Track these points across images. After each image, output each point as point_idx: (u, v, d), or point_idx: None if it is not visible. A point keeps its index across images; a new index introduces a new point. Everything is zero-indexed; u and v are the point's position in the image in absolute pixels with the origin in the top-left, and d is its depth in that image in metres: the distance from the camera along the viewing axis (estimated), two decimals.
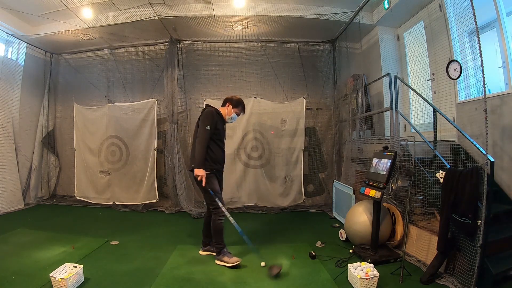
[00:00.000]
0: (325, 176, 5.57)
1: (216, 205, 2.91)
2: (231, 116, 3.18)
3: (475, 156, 2.74)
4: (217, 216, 2.92)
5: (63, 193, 6.08)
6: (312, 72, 5.75)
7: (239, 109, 3.21)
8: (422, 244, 2.99)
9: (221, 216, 2.93)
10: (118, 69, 5.85)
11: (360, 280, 2.38)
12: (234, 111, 3.18)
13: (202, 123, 2.95)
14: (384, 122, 4.56)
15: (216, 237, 2.96)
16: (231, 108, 3.17)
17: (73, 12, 4.48)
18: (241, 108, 3.23)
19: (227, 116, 3.17)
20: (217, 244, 2.97)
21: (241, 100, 3.22)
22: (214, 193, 2.90)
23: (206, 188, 2.89)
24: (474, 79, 3.31)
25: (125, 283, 2.56)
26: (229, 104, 3.17)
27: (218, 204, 2.90)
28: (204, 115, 3.01)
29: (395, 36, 4.90)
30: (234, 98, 3.20)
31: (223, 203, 2.95)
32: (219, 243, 2.96)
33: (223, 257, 2.91)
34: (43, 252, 3.18)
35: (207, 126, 2.91)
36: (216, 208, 2.93)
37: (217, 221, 2.93)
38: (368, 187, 3.18)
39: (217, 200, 2.90)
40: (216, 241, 2.97)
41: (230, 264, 2.85)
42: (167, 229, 4.21)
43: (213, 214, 2.94)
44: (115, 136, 5.55)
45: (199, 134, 2.94)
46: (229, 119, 3.19)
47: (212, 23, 4.95)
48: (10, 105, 5.25)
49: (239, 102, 3.20)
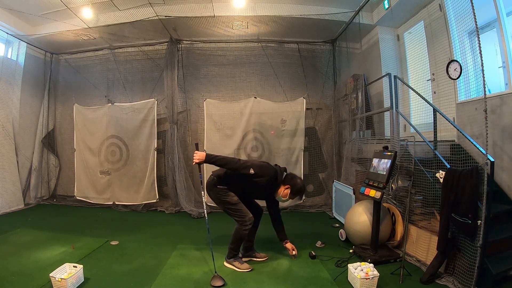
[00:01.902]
0: (325, 176, 5.57)
1: (240, 214, 2.80)
2: (280, 196, 2.87)
3: (475, 156, 2.74)
4: (242, 225, 2.79)
5: (63, 193, 6.08)
6: (312, 72, 5.75)
7: (295, 197, 2.90)
8: (422, 244, 2.99)
9: (247, 226, 2.78)
10: (118, 69, 5.85)
11: (360, 280, 2.37)
12: (289, 197, 2.86)
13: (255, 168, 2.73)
14: (384, 122, 4.56)
15: (235, 242, 2.88)
16: (288, 192, 2.84)
17: (73, 12, 4.48)
18: (299, 198, 2.95)
19: (278, 195, 2.87)
20: (233, 249, 2.89)
21: (303, 190, 2.89)
22: (234, 204, 2.81)
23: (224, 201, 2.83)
24: (474, 79, 3.30)
25: (125, 283, 2.56)
26: (289, 187, 2.83)
27: (242, 214, 2.80)
28: (262, 170, 2.78)
29: (395, 36, 4.90)
30: (298, 184, 2.83)
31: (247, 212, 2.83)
32: (235, 248, 2.90)
33: (234, 262, 2.87)
34: (43, 252, 3.18)
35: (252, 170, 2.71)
36: (241, 218, 2.80)
37: (243, 230, 2.80)
38: (368, 187, 3.18)
39: (239, 210, 2.81)
40: (233, 246, 2.89)
41: (240, 270, 2.82)
42: (167, 229, 4.21)
43: (239, 224, 2.82)
44: (115, 136, 5.55)
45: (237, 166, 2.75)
46: (279, 197, 2.88)
47: (212, 23, 4.95)
48: (10, 105, 5.25)
49: (300, 191, 2.85)
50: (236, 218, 2.84)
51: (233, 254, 2.90)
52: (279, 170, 2.89)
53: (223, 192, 2.85)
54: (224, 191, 2.85)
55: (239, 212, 2.83)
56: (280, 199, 2.91)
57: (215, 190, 2.88)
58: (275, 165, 3.00)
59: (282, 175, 2.88)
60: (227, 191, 2.85)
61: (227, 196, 2.84)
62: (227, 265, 2.91)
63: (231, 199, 2.84)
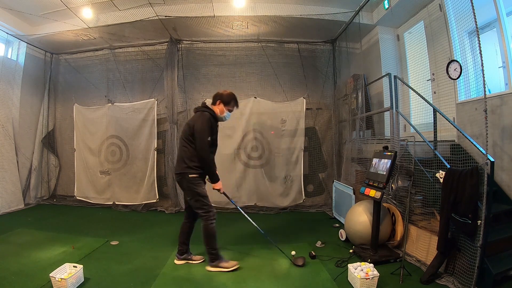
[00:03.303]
0: (325, 176, 5.57)
1: (207, 209, 2.76)
2: (224, 115, 2.91)
3: (475, 156, 2.75)
4: (208, 220, 2.75)
5: (63, 193, 6.08)
6: (312, 72, 5.75)
7: (231, 105, 2.92)
8: (422, 244, 2.99)
9: (213, 219, 2.77)
10: (118, 69, 5.84)
11: (360, 280, 2.38)
12: (227, 109, 2.90)
13: (202, 133, 2.71)
14: (384, 122, 4.56)
15: (210, 242, 2.79)
16: (222, 106, 2.88)
17: (73, 12, 4.48)
18: (234, 104, 2.93)
19: (219, 116, 2.90)
20: (211, 250, 2.80)
21: (232, 95, 2.92)
22: (204, 197, 2.78)
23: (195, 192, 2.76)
24: (474, 79, 3.30)
25: (125, 283, 2.56)
26: (219, 102, 2.89)
27: (209, 208, 2.77)
28: (202, 122, 2.73)
29: (395, 36, 4.90)
30: (224, 94, 2.90)
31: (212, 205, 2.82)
32: (214, 248, 2.80)
33: (220, 263, 2.80)
34: (43, 252, 3.18)
35: (208, 137, 2.72)
36: (207, 212, 2.76)
37: (210, 225, 2.75)
38: (368, 187, 3.18)
39: (207, 204, 2.78)
40: (211, 247, 2.79)
41: (229, 269, 2.77)
42: (167, 229, 4.21)
43: (204, 219, 2.76)
44: (115, 136, 5.55)
45: (200, 145, 2.71)
46: (221, 118, 2.92)
47: (212, 23, 4.95)
48: (10, 105, 5.25)
49: (230, 97, 2.89)
50: (203, 212, 2.77)
51: (215, 256, 2.82)
52: (202, 104, 2.93)
53: (195, 181, 2.77)
54: (197, 180, 2.78)
55: (207, 205, 2.77)
56: (224, 118, 2.93)
57: (187, 179, 2.78)
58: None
59: (206, 104, 2.94)
60: (199, 180, 2.79)
61: (199, 186, 2.78)
62: (212, 269, 2.81)
63: (202, 191, 2.78)
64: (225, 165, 5.25)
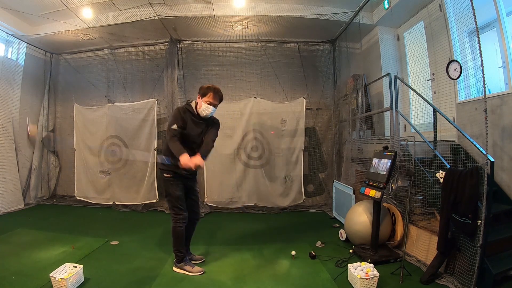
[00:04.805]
0: (325, 176, 5.57)
1: (177, 211, 2.72)
2: (202, 108, 2.67)
3: (475, 156, 2.74)
4: (177, 222, 2.72)
5: (63, 193, 6.08)
6: (312, 72, 5.75)
7: (210, 97, 2.66)
8: (422, 244, 2.99)
9: (181, 223, 2.72)
10: (118, 69, 5.84)
11: (360, 280, 2.38)
12: (205, 101, 2.66)
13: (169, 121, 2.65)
14: (384, 122, 4.56)
15: (176, 244, 2.77)
16: (200, 100, 2.70)
17: (73, 12, 4.48)
18: (213, 96, 2.67)
19: (198, 110, 2.70)
20: (177, 251, 2.78)
21: (210, 87, 2.69)
22: (175, 198, 2.71)
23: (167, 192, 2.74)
24: (474, 79, 3.30)
25: (125, 283, 2.56)
26: (198, 96, 2.72)
27: (179, 211, 2.72)
28: (172, 113, 2.69)
29: (395, 36, 4.90)
30: (203, 87, 2.73)
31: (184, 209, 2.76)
32: (180, 251, 2.78)
33: (185, 266, 2.77)
34: (43, 252, 3.18)
35: (173, 125, 2.60)
36: (176, 215, 2.72)
37: (178, 228, 2.72)
38: (368, 187, 3.18)
39: (177, 206, 2.72)
40: (176, 248, 2.78)
41: (192, 273, 2.73)
42: (167, 229, 4.17)
43: (173, 221, 2.73)
44: (115, 136, 5.54)
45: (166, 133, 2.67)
46: (201, 112, 2.69)
47: (212, 23, 4.94)
48: (10, 105, 5.25)
49: (208, 89, 2.68)
50: (172, 214, 2.75)
51: (180, 257, 2.79)
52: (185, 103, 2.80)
53: (168, 181, 2.74)
54: (170, 181, 2.73)
55: (177, 208, 2.73)
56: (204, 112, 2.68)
57: (163, 178, 2.77)
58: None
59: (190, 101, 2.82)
60: (173, 180, 2.72)
61: (171, 186, 2.72)
62: (177, 270, 2.79)
63: (174, 192, 2.71)
64: (225, 165, 5.25)
